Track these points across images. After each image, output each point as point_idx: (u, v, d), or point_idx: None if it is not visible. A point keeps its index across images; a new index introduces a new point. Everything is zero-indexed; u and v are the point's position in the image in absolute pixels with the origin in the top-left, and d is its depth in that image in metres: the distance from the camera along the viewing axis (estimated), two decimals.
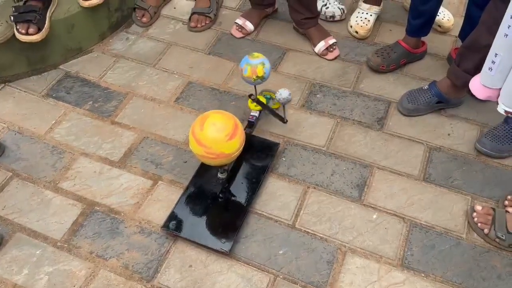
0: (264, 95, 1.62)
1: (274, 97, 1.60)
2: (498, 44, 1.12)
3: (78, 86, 1.78)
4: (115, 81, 1.80)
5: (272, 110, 1.56)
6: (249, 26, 1.97)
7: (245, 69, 1.44)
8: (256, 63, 1.43)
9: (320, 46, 1.88)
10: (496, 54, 1.12)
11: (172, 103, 1.72)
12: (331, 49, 1.88)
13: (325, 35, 1.90)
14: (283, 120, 1.55)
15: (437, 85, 1.63)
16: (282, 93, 1.46)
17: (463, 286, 1.26)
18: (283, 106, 1.51)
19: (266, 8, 2.02)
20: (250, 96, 1.53)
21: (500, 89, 1.17)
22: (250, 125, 1.58)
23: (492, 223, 1.33)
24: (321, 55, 1.89)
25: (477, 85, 1.22)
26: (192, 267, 1.29)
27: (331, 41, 1.88)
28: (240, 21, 1.98)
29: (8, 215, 1.40)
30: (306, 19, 1.89)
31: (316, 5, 1.92)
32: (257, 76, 1.44)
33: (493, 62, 1.14)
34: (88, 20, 1.87)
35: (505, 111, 1.15)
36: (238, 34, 1.98)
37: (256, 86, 1.52)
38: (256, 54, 1.47)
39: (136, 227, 1.38)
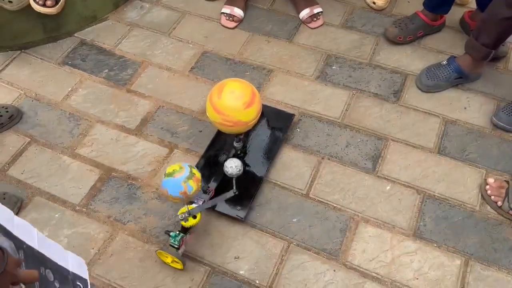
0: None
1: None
2: None
3: (94, 54, 1.78)
4: (130, 49, 1.80)
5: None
6: (238, 12, 1.84)
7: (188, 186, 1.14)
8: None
9: (305, 13, 1.84)
10: None
11: (187, 72, 1.72)
12: (315, 19, 1.85)
13: (311, 3, 1.86)
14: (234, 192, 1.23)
15: (456, 60, 1.61)
16: (231, 168, 1.23)
17: (475, 256, 1.27)
18: (233, 179, 1.24)
19: None
20: None
21: None
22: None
23: (505, 195, 1.33)
24: (304, 23, 1.86)
25: None
26: (208, 232, 1.32)
27: (317, 10, 1.85)
28: (227, 9, 1.85)
29: (27, 179, 1.43)
30: None
31: None
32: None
33: None
34: None
35: None
36: (231, 24, 1.84)
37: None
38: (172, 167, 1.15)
39: (153, 193, 1.40)
